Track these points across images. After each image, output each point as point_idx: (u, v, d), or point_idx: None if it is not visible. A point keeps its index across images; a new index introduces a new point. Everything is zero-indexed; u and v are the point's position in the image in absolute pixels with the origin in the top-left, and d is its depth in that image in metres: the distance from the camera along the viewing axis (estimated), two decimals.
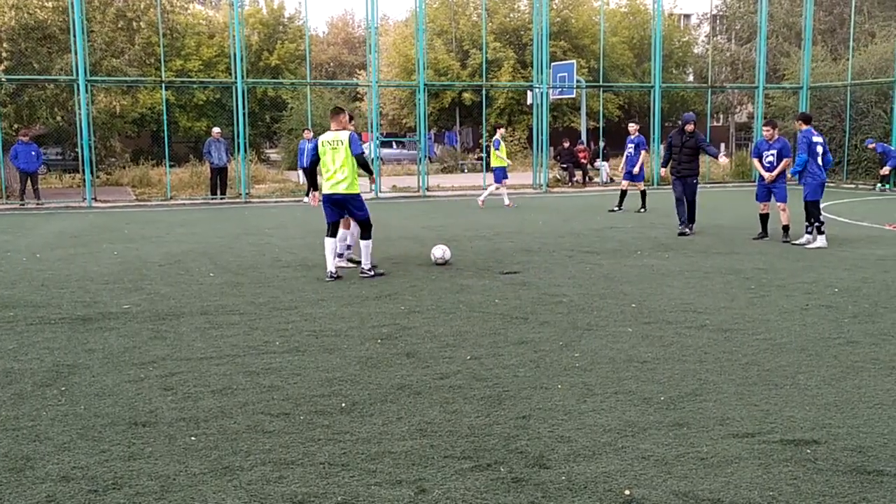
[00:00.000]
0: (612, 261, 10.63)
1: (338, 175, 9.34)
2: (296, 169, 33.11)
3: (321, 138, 9.52)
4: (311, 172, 10.26)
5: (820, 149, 11.81)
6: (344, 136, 9.34)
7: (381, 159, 27.28)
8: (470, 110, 40.90)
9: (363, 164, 9.41)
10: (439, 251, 10.47)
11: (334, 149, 9.33)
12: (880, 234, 13.49)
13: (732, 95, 39.65)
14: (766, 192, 12.34)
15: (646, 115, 29.04)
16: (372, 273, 9.54)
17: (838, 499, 3.73)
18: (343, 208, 9.56)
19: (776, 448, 4.31)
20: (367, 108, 28.36)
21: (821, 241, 11.75)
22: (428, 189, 23.83)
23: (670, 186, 14.47)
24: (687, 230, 13.36)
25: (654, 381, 5.49)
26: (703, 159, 20.54)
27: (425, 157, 24.93)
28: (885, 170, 22.55)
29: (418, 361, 6.02)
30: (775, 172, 12.08)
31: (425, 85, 23.61)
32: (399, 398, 5.20)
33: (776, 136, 12.31)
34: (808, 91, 26.27)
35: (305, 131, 21.68)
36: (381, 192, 23.12)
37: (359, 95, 42.57)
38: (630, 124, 18.25)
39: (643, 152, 17.59)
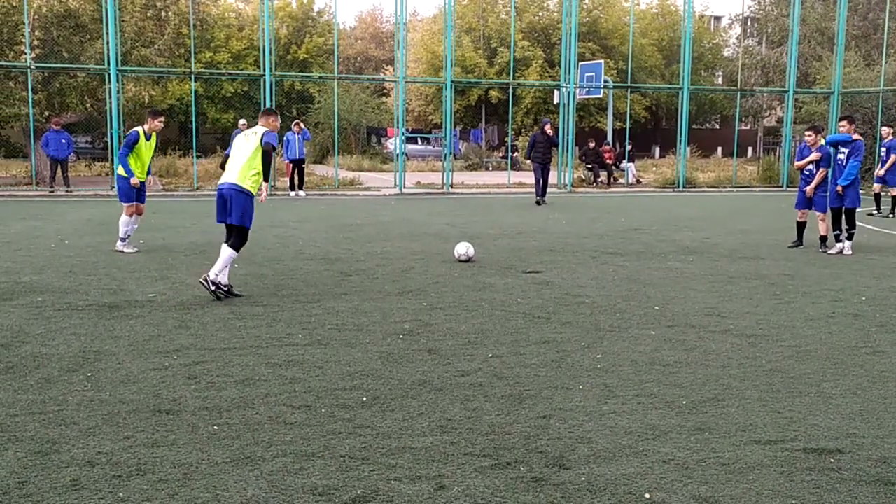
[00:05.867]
0: (635, 263, 10.58)
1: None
2: (321, 163, 33.32)
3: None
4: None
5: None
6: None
7: (406, 155, 27.31)
8: (496, 108, 40.88)
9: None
10: (463, 248, 10.48)
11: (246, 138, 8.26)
12: None
13: (762, 99, 39.28)
14: (807, 199, 12.06)
15: (673, 118, 28.87)
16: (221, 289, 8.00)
17: None
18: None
19: (799, 456, 4.28)
20: (394, 104, 28.40)
21: (849, 247, 11.65)
22: (452, 186, 23.82)
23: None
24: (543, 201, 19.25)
25: (677, 385, 5.46)
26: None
27: (450, 153, 24.93)
28: None
29: (440, 358, 6.03)
30: (814, 183, 11.79)
31: (452, 82, 23.61)
32: (420, 394, 5.21)
33: (819, 143, 11.97)
34: (840, 97, 25.96)
35: (294, 124, 21.69)
36: (404, 187, 23.16)
37: (385, 91, 42.63)
38: (884, 128, 18.67)
39: (893, 156, 17.68)
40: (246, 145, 8.19)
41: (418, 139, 40.54)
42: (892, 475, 4.06)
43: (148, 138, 10.81)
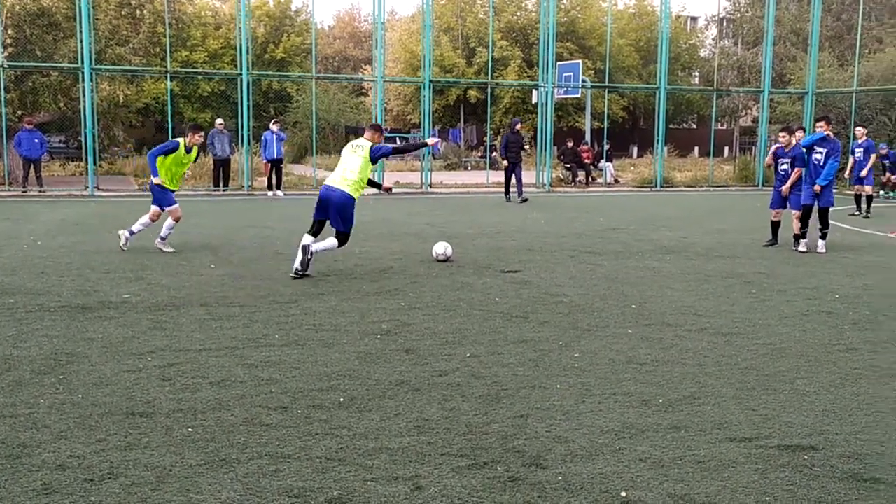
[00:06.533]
0: (613, 262, 10.62)
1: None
2: (299, 162, 33.17)
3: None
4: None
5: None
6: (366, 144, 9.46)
7: None
8: (475, 108, 40.91)
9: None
10: (441, 248, 10.47)
11: (353, 151, 9.44)
12: (883, 241, 13.48)
13: (738, 99, 39.59)
14: (781, 199, 12.17)
15: (650, 117, 29.01)
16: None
17: None
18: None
19: (773, 453, 4.31)
20: (372, 104, 28.31)
21: (822, 245, 11.80)
22: (431, 185, 23.82)
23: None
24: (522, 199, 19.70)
25: (653, 384, 5.48)
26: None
27: (429, 153, 24.90)
28: (894, 178, 22.42)
29: (417, 358, 6.02)
30: (789, 183, 11.88)
31: (431, 81, 23.60)
32: (397, 394, 5.19)
33: (792, 144, 12.06)
34: (814, 97, 26.21)
35: (273, 122, 21.58)
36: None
37: (363, 90, 42.53)
38: (858, 128, 19.16)
39: (873, 156, 18.16)
40: (353, 158, 9.33)
41: (397, 139, 40.46)
42: (864, 471, 4.09)
43: (188, 151, 10.94)
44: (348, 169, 9.29)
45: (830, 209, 12.08)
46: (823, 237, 11.85)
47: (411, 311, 7.56)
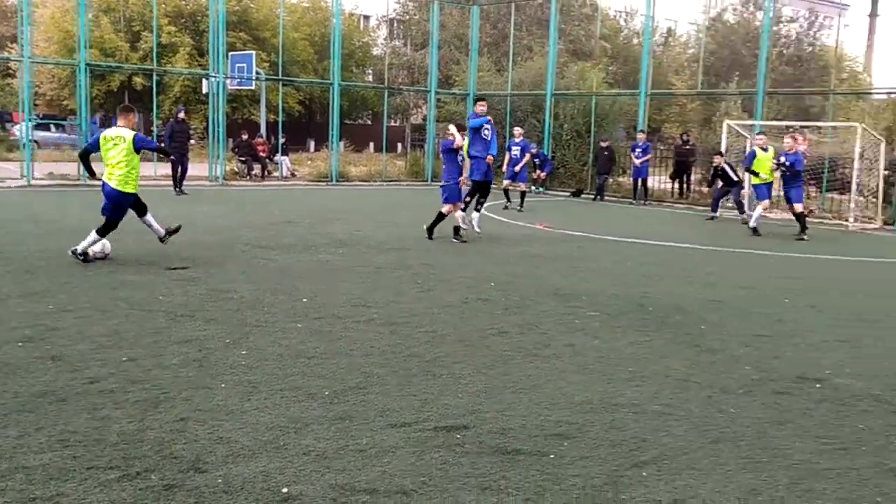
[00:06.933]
0: (286, 256, 10.56)
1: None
2: None
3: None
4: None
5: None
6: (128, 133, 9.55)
7: (37, 143, 24.69)
8: (141, 95, 38.50)
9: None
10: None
11: (115, 145, 9.48)
12: (533, 233, 14.85)
13: (409, 98, 41.50)
14: (459, 193, 12.86)
15: (326, 112, 29.35)
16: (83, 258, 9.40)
17: (481, 479, 3.99)
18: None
19: (430, 435, 4.52)
20: (19, 86, 25.47)
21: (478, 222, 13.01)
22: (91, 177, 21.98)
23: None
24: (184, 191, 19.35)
25: (321, 376, 5.51)
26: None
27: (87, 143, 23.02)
28: (543, 175, 24.79)
29: (66, 365, 5.48)
30: (466, 174, 12.80)
31: (88, 65, 21.79)
32: (40, 407, 4.68)
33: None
34: (475, 98, 28.22)
35: None
36: (34, 178, 20.91)
37: (10, 71, 38.16)
38: (516, 128, 20.78)
39: (528, 155, 19.56)
40: (114, 151, 9.44)
41: (51, 126, 36.89)
42: (508, 444, 4.44)
43: None
44: (112, 163, 9.47)
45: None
46: (479, 209, 13.03)
47: (61, 314, 6.89)
